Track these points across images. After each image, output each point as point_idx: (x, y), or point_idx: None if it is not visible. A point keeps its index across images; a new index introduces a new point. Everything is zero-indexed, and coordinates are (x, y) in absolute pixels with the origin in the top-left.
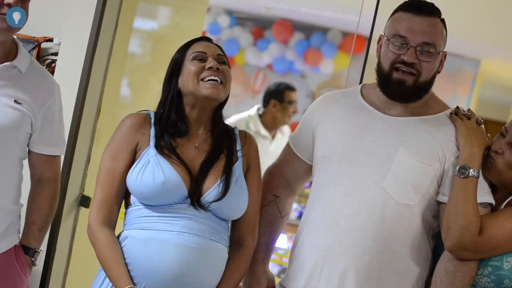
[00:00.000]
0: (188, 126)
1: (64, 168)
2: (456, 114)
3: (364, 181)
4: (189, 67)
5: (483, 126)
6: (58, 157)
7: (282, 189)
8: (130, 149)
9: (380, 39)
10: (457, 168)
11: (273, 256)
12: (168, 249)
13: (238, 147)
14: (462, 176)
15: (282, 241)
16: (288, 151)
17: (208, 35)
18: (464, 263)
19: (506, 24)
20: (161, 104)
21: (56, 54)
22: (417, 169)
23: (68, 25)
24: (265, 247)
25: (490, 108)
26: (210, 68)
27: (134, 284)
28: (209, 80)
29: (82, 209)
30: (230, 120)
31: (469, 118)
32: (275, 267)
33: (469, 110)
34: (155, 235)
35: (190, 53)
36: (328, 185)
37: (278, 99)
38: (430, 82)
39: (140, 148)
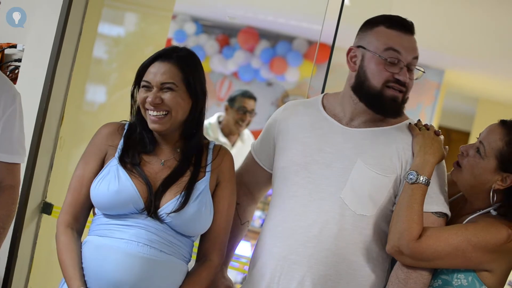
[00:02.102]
0: (156, 143)
1: (26, 175)
2: (416, 125)
3: (322, 192)
4: (139, 94)
5: (441, 137)
6: (18, 165)
7: (243, 196)
8: (99, 157)
9: (350, 50)
10: (407, 173)
11: (236, 264)
12: (115, 256)
13: (208, 161)
14: (410, 182)
15: (246, 249)
16: (249, 159)
17: (174, 42)
18: (415, 270)
19: (470, 35)
20: (133, 118)
21: (19, 60)
22: (375, 181)
23: (32, 31)
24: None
25: (454, 117)
26: (149, 103)
27: (86, 287)
28: (151, 114)
29: (44, 216)
30: None
31: (428, 129)
32: (238, 275)
33: (430, 125)
34: (106, 242)
35: (142, 79)
36: (287, 196)
37: (230, 103)
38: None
39: (108, 159)
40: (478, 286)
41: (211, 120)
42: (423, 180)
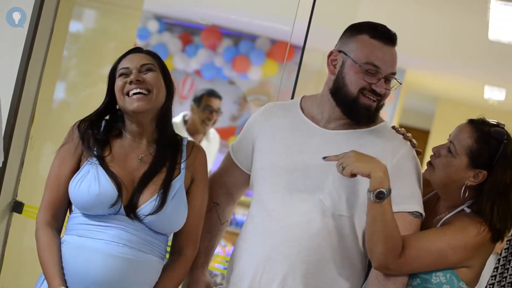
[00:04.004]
0: (127, 130)
1: None
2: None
3: (302, 193)
4: (116, 84)
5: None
6: None
7: (222, 196)
8: (76, 156)
9: (331, 54)
10: (373, 194)
11: None
12: (96, 257)
13: (183, 159)
14: (380, 201)
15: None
16: (228, 159)
17: (137, 40)
18: None
19: (431, 36)
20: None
21: None
22: (353, 182)
23: (3, 31)
24: (204, 252)
25: (414, 116)
26: (130, 82)
27: (66, 286)
28: (133, 94)
29: (15, 214)
30: None
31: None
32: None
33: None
34: (87, 243)
35: (117, 71)
36: (267, 196)
37: (196, 103)
38: None
39: (85, 157)
40: (456, 282)
41: (176, 120)
42: (387, 192)
